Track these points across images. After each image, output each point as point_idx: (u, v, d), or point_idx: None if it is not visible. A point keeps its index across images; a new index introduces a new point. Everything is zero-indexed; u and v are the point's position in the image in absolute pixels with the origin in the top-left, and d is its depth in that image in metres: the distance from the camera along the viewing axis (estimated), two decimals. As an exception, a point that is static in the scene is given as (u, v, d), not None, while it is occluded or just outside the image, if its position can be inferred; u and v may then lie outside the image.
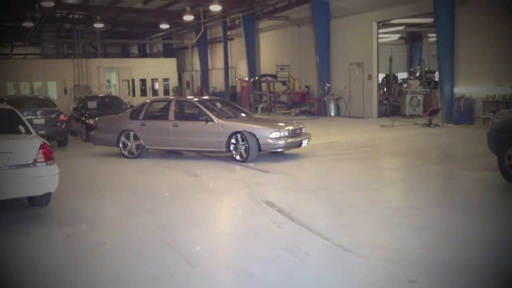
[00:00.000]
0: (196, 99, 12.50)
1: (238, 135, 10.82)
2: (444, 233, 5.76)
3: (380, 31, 22.35)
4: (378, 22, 21.39)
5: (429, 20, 20.80)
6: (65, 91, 35.02)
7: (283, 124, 11.35)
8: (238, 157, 10.86)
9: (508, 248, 5.15)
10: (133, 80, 38.65)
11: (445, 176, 9.61)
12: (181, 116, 11.83)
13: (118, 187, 9.35)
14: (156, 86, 39.75)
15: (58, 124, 14.72)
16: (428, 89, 21.69)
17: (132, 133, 12.07)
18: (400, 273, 4.56)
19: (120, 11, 32.85)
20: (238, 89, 31.00)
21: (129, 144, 12.14)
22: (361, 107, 21.99)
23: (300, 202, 7.52)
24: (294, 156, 11.55)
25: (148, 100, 13.34)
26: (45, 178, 6.83)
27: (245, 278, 4.67)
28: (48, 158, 6.85)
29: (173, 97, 14.32)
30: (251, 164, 10.59)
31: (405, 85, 22.10)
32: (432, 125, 16.74)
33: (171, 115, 11.69)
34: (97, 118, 13.47)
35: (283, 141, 10.80)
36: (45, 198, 7.24)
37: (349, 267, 4.84)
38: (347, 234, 5.81)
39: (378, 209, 7.04)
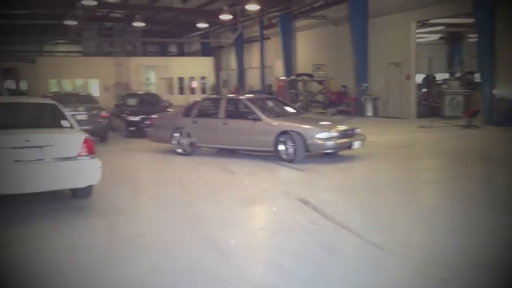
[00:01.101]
0: (246, 97, 12.32)
1: (286, 135, 10.49)
2: (479, 234, 5.72)
3: (418, 31, 22.04)
4: (417, 22, 21.09)
5: (469, 20, 20.39)
6: (107, 88, 35.85)
7: (333, 124, 10.99)
8: (285, 157, 10.53)
9: (544, 251, 5.10)
10: (171, 78, 39.24)
11: (483, 178, 9.47)
12: (231, 114, 11.65)
13: (156, 181, 9.61)
14: (194, 84, 40.25)
15: (100, 120, 15.12)
16: (468, 90, 21.28)
17: (184, 130, 12.07)
18: (432, 272, 4.58)
19: (159, 10, 33.44)
20: (274, 88, 31.08)
21: (182, 141, 12.13)
22: (398, 107, 21.76)
23: (334, 201, 7.57)
24: (331, 156, 11.31)
25: (199, 98, 13.55)
26: (88, 171, 7.07)
27: (277, 271, 4.77)
28: (91, 151, 7.10)
29: (224, 95, 14.10)
30: (295, 165, 10.22)
31: (445, 86, 21.74)
32: (471, 127, 16.45)
33: (222, 113, 11.60)
34: (153, 116, 13.51)
35: (332, 142, 10.34)
36: (88, 191, 7.50)
37: (380, 264, 4.88)
38: (380, 233, 5.84)
39: (412, 209, 7.02)
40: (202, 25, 34.66)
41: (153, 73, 39.24)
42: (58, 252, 5.41)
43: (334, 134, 10.43)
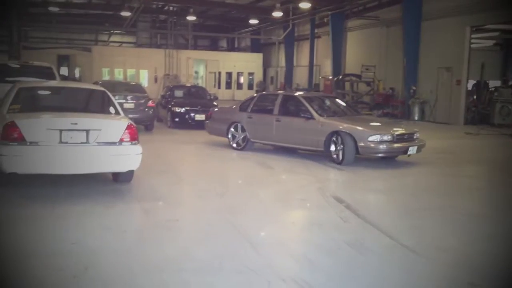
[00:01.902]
0: (302, 94, 12.15)
1: (338, 136, 10.10)
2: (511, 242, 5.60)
3: (473, 36, 21.47)
4: (472, 27, 20.55)
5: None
6: (156, 79, 36.60)
7: (389, 127, 10.46)
8: (335, 158, 10.17)
9: None
10: (219, 72, 39.67)
11: (527, 188, 9.20)
12: (285, 111, 11.38)
13: (195, 172, 9.79)
14: (241, 80, 40.56)
15: (146, 109, 15.50)
16: (521, 99, 20.58)
17: (240, 125, 11.98)
18: (461, 277, 4.53)
19: (212, 5, 33.83)
20: (321, 87, 30.94)
21: (236, 136, 12.07)
22: (447, 112, 21.29)
23: (369, 201, 7.54)
24: (387, 161, 10.75)
25: (256, 94, 13.40)
26: (129, 157, 7.30)
27: (305, 264, 4.82)
28: (133, 138, 7.32)
29: (281, 92, 13.75)
30: (341, 166, 9.94)
31: (496, 93, 21.12)
32: (520, 136, 15.95)
33: (276, 109, 11.40)
34: (213, 109, 13.64)
35: (384, 146, 9.84)
36: (128, 176, 7.74)
37: (410, 267, 4.84)
38: (413, 235, 5.80)
39: (448, 213, 6.91)
40: (253, 21, 34.86)
41: (202, 67, 39.78)
42: (95, 232, 5.62)
43: (388, 137, 9.90)
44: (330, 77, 28.75)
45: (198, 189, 8.16)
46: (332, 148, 10.23)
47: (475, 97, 21.74)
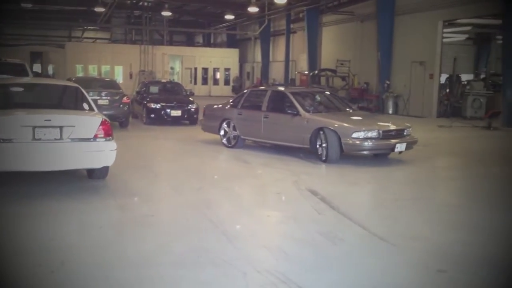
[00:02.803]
0: (291, 90, 11.82)
1: (323, 132, 9.73)
2: (483, 231, 5.77)
3: (445, 30, 21.84)
4: (444, 21, 20.90)
5: (498, 21, 20.10)
6: (131, 75, 36.33)
7: (375, 123, 10.06)
8: (321, 156, 9.81)
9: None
10: (195, 68, 39.56)
11: (497, 178, 9.42)
12: (273, 107, 11.02)
13: (171, 168, 9.80)
14: (218, 75, 40.51)
15: (121, 105, 15.40)
16: (492, 92, 21.04)
17: (231, 122, 11.67)
18: (431, 263, 4.65)
19: (187, 0, 33.68)
20: (297, 82, 31.12)
21: (227, 133, 11.75)
22: (420, 106, 21.63)
23: (343, 193, 7.65)
24: (379, 158, 10.49)
25: (246, 90, 12.97)
26: (104, 153, 7.28)
27: (280, 256, 4.89)
28: (108, 134, 7.30)
29: (270, 87, 13.27)
30: (319, 161, 9.76)
31: (468, 87, 21.54)
32: (491, 128, 16.31)
33: (264, 105, 11.08)
34: (208, 105, 13.11)
35: (370, 143, 9.43)
36: (103, 172, 7.72)
37: (381, 254, 4.96)
38: (385, 225, 5.93)
39: (422, 204, 7.08)
40: (229, 16, 34.82)
41: (178, 63, 39.62)
42: (72, 228, 5.62)
43: (373, 134, 9.48)
44: (306, 72, 28.93)
45: (174, 184, 8.18)
46: (318, 145, 9.89)
47: (447, 90, 22.12)
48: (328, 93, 12.84)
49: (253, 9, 29.59)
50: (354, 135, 9.44)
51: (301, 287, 4.06)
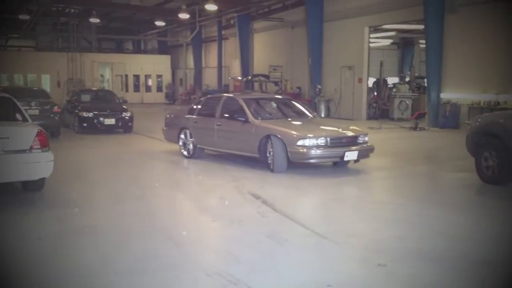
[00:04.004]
0: (245, 96, 11.38)
1: (270, 140, 9.26)
2: (418, 226, 6.12)
3: (372, 35, 22.76)
4: (370, 27, 21.79)
5: (420, 26, 21.21)
6: (58, 84, 35.20)
7: (322, 130, 9.47)
8: (270, 165, 9.30)
9: (472, 240, 5.51)
10: (126, 75, 38.91)
11: (426, 175, 10.00)
12: (225, 114, 10.48)
13: (110, 177, 9.64)
14: (150, 82, 40.05)
15: (52, 115, 14.95)
16: (417, 94, 22.11)
17: (188, 130, 11.18)
18: (371, 258, 4.91)
19: (116, 7, 33.09)
20: (231, 88, 31.32)
21: (187, 142, 11.21)
22: (350, 109, 22.39)
23: (284, 196, 7.85)
24: (339, 166, 10.05)
25: (203, 97, 12.39)
26: (40, 164, 7.10)
27: (228, 259, 4.99)
28: (44, 145, 7.14)
29: (226, 94, 12.48)
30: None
31: (394, 90, 22.54)
32: (418, 129, 17.16)
33: (218, 113, 10.58)
34: (167, 115, 12.43)
35: (316, 151, 8.90)
36: (39, 184, 7.51)
37: (324, 252, 5.19)
38: (326, 224, 6.17)
39: (358, 202, 7.42)
40: (159, 23, 34.54)
41: (108, 70, 38.81)
42: (9, 241, 5.46)
43: (320, 142, 8.95)
44: (239, 78, 29.19)
45: (114, 193, 8.07)
46: (268, 154, 9.36)
47: (375, 93, 23.04)
48: (288, 99, 12.31)
49: (184, 16, 29.55)
50: (300, 142, 8.91)
51: (251, 287, 4.17)
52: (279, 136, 9.14)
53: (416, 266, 4.71)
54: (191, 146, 11.11)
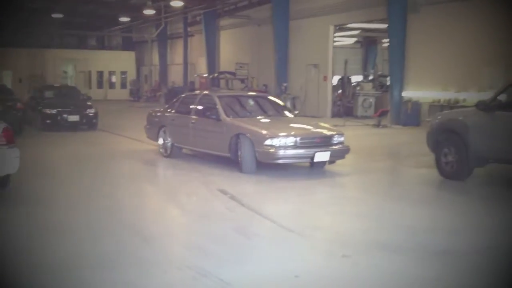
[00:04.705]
0: (219, 92, 11.08)
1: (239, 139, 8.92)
2: (380, 219, 6.37)
3: (336, 34, 23.15)
4: (335, 26, 22.16)
5: (384, 25, 21.67)
6: (20, 80, 34.46)
7: (292, 130, 9.08)
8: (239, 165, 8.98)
9: (431, 231, 5.77)
10: (90, 72, 38.39)
11: (388, 171, 10.32)
12: (200, 112, 10.16)
13: (77, 174, 9.58)
14: (114, 79, 39.62)
15: (15, 112, 14.69)
16: (380, 92, 22.61)
17: (166, 128, 10.83)
18: (336, 250, 5.10)
19: (79, 2, 32.57)
20: (197, 85, 31.28)
21: (166, 140, 10.80)
22: (315, 106, 22.70)
23: (251, 191, 8.00)
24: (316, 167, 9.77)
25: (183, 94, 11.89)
26: (6, 160, 7.03)
27: (197, 253, 5.10)
28: (10, 141, 7.07)
29: (203, 91, 11.92)
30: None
31: (358, 88, 22.97)
32: (380, 126, 17.58)
33: (193, 110, 10.29)
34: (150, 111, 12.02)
35: (284, 152, 8.50)
36: (5, 180, 7.42)
37: (291, 245, 5.36)
38: (292, 218, 6.34)
39: (323, 198, 7.64)
40: (124, 19, 34.18)
41: (71, 66, 38.20)
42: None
43: (289, 142, 8.57)
44: (205, 75, 29.19)
45: (82, 190, 8.05)
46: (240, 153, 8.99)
47: (340, 91, 23.43)
48: (269, 97, 11.68)
49: (149, 12, 29.34)
50: (268, 142, 8.50)
51: (221, 279, 4.29)
52: (247, 135, 8.77)
53: (378, 256, 4.92)
54: (169, 145, 10.72)
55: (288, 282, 4.30)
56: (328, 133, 9.26)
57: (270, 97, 11.68)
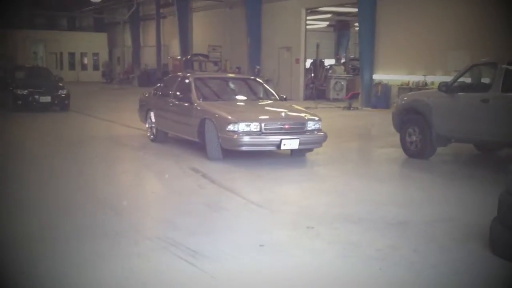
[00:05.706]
0: (198, 74, 10.76)
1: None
2: (344, 194, 6.66)
3: (309, 18, 23.33)
4: (307, 9, 22.33)
5: (355, 9, 21.93)
6: (-12, 61, 33.79)
7: (260, 114, 8.56)
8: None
9: (391, 205, 6.06)
10: (61, 53, 37.86)
11: (356, 151, 10.65)
12: (177, 95, 9.73)
13: (47, 154, 9.61)
14: (86, 60, 39.15)
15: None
16: (352, 75, 22.95)
17: (152, 111, 10.47)
18: (300, 222, 5.36)
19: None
20: (170, 67, 31.19)
21: (153, 125, 10.41)
22: (288, 89, 22.83)
23: (222, 169, 8.16)
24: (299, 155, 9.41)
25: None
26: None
27: (167, 225, 5.30)
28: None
29: (186, 73, 11.02)
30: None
31: (330, 71, 23.26)
32: (351, 108, 17.93)
33: (173, 93, 9.88)
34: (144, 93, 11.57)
35: (247, 138, 7.94)
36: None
37: (258, 218, 5.59)
38: (261, 194, 6.56)
39: (290, 175, 7.88)
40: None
41: (41, 47, 37.58)
42: None
43: (254, 127, 8.00)
44: (179, 57, 29.13)
45: (53, 169, 8.12)
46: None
47: (312, 74, 23.69)
48: (256, 80, 10.95)
49: (121, -7, 29.04)
50: (230, 127, 7.99)
51: (189, 248, 4.49)
52: (212, 119, 8.32)
53: (339, 227, 5.19)
54: (154, 129, 10.34)
55: (253, 250, 4.53)
56: (301, 119, 8.58)
57: (258, 80, 10.99)
